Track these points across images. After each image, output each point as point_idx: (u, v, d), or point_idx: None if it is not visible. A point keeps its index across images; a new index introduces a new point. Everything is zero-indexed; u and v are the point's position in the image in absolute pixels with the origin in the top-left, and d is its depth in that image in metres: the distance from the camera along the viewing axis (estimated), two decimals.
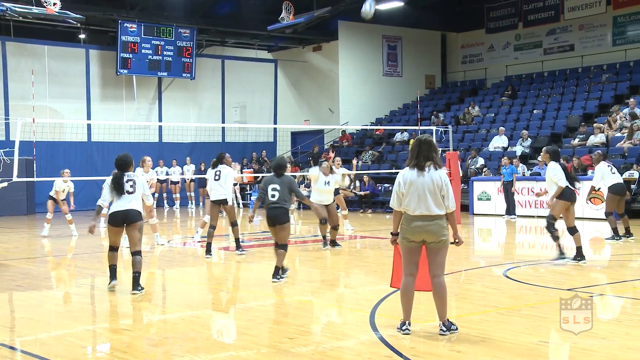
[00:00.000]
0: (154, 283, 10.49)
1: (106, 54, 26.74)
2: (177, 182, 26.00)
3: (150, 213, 13.75)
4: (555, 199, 10.66)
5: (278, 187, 9.80)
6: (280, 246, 9.73)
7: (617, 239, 13.31)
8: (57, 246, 15.13)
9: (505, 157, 19.89)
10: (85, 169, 25.12)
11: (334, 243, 13.24)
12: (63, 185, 16.49)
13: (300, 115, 30.85)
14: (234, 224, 12.53)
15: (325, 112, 30.08)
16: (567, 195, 10.61)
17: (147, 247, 14.12)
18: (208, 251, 12.27)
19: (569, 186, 10.63)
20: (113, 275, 9.31)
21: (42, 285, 9.86)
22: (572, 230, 10.74)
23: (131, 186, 9.14)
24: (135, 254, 9.07)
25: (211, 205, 12.55)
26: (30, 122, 16.72)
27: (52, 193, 16.54)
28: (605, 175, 13.41)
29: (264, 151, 28.82)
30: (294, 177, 15.87)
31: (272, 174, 10.17)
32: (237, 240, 12.62)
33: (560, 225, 11.41)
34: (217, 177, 12.35)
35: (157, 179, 24.55)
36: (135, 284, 8.99)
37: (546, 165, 11.30)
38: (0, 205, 22.58)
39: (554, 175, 10.60)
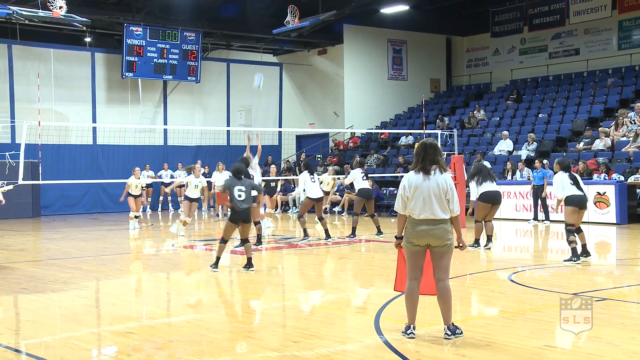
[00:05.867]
0: (158, 286, 10.50)
1: (112, 57, 26.81)
2: (183, 186, 25.98)
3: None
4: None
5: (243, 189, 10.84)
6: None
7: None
8: (63, 249, 15.16)
9: (537, 161, 19.32)
10: (90, 172, 25.23)
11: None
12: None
13: (305, 119, 30.85)
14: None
15: (330, 115, 30.09)
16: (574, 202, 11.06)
17: (153, 249, 14.15)
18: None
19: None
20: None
21: (47, 288, 9.87)
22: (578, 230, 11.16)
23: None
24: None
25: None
26: (36, 125, 16.77)
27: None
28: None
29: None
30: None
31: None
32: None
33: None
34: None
35: (162, 182, 24.64)
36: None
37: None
38: (6, 208, 22.46)
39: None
